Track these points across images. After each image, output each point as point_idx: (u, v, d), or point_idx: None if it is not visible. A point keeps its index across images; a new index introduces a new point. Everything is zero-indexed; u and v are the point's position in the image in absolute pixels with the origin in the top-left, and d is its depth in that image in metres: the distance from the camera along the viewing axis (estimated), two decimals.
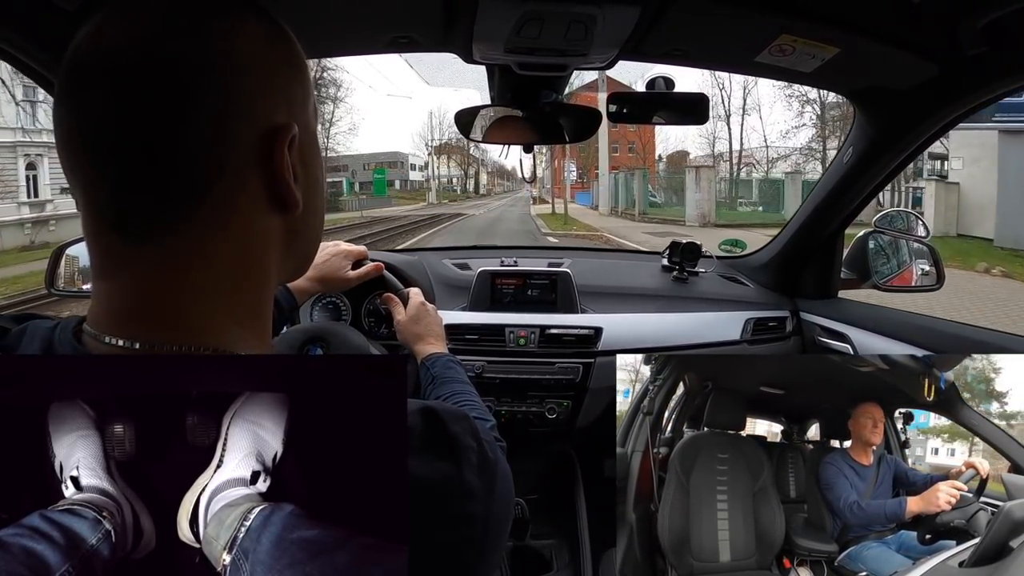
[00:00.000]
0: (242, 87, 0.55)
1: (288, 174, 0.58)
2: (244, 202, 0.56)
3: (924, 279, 1.96)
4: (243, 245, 0.57)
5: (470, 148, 72.79)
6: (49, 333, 0.59)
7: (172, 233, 0.54)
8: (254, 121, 0.56)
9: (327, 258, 1.58)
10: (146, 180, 0.52)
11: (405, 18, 1.37)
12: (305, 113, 0.62)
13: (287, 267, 0.65)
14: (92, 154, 0.53)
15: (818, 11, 1.25)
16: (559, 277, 2.13)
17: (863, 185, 1.85)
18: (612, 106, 1.65)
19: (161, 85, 0.52)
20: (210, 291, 0.56)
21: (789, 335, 2.16)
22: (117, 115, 0.51)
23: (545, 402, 2.01)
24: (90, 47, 0.53)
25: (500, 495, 0.63)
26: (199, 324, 0.55)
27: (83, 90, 0.53)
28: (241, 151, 0.55)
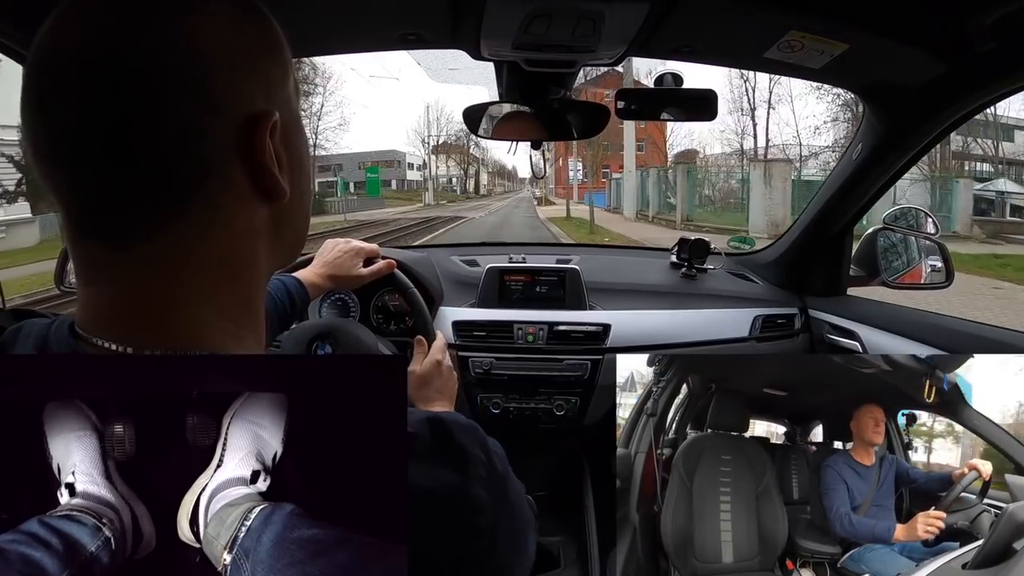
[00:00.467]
0: (215, 78, 0.52)
1: (272, 163, 0.55)
2: (228, 198, 0.54)
3: (934, 276, 1.94)
4: (230, 241, 0.55)
5: (470, 147, 71.47)
6: (45, 330, 0.58)
7: (155, 236, 0.52)
8: (231, 112, 0.53)
9: (338, 255, 1.59)
10: (120, 185, 0.50)
11: (413, 15, 1.37)
12: (284, 93, 0.60)
13: (277, 256, 0.63)
14: (61, 160, 0.51)
15: (827, 7, 1.25)
16: (568, 274, 2.12)
17: (872, 182, 1.84)
18: (620, 102, 1.65)
19: (125, 85, 0.49)
20: (199, 291, 0.54)
21: (798, 332, 2.16)
22: (81, 119, 0.49)
23: (553, 399, 2.02)
24: (48, 47, 0.51)
25: (509, 510, 0.61)
26: (190, 326, 0.54)
27: (44, 94, 0.51)
28: (220, 145, 0.53)
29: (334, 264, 1.57)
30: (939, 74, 1.39)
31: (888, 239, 2.03)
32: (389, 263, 1.65)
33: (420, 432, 0.56)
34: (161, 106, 0.50)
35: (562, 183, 44.56)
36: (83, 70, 0.49)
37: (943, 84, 1.42)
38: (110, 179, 0.50)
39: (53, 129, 0.50)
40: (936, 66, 1.36)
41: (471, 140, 67.70)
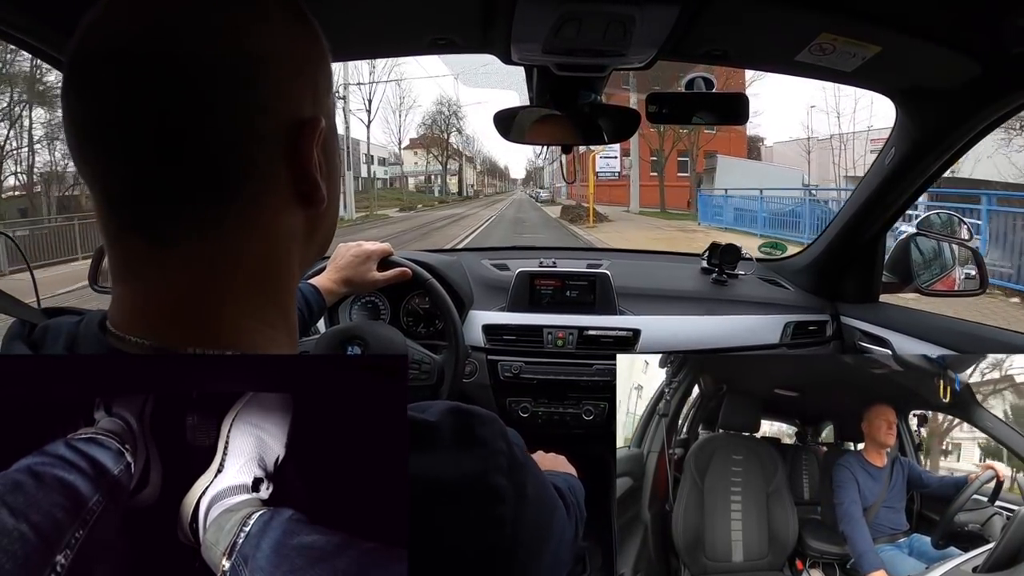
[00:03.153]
0: (268, 80, 0.52)
1: (316, 170, 0.56)
2: (271, 200, 0.54)
3: (968, 283, 1.91)
4: (269, 244, 0.55)
5: (450, 136, 63.69)
6: (74, 328, 0.58)
7: (197, 234, 0.51)
8: (281, 117, 0.53)
9: (351, 259, 1.62)
10: (167, 178, 0.50)
11: (444, 20, 1.39)
12: (328, 103, 0.60)
13: (305, 261, 0.62)
14: (108, 148, 0.50)
15: (859, 8, 1.24)
16: (598, 278, 2.13)
17: (905, 187, 1.81)
18: (651, 106, 1.65)
19: (178, 77, 0.49)
20: (239, 293, 0.54)
21: (829, 339, 2.12)
22: (133, 107, 0.49)
23: (582, 403, 2.01)
24: (98, 36, 0.50)
25: (533, 501, 0.60)
26: (227, 327, 0.53)
27: (91, 83, 0.50)
28: (268, 148, 0.53)
29: (348, 269, 1.60)
30: (973, 76, 1.37)
31: (921, 245, 2.00)
32: (403, 271, 1.66)
33: (441, 422, 0.56)
34: (213, 103, 0.50)
35: (586, 179, 30.24)
36: (138, 58, 0.48)
37: (977, 86, 1.40)
38: (157, 171, 0.50)
39: (102, 116, 0.50)
40: (970, 68, 1.34)
41: (451, 128, 62.67)
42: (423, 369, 1.69)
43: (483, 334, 2.05)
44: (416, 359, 1.69)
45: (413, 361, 1.69)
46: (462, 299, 1.98)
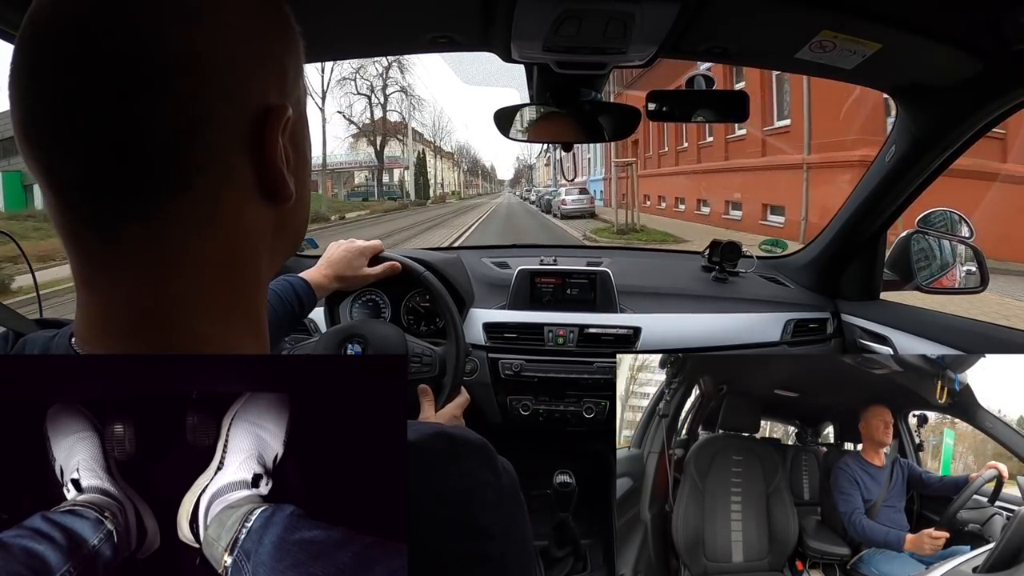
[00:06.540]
0: (230, 63, 0.48)
1: (281, 162, 0.52)
2: (232, 195, 0.51)
3: (968, 280, 1.91)
4: (231, 243, 0.52)
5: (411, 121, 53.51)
6: (47, 343, 0.57)
7: (148, 230, 0.48)
8: (243, 103, 0.50)
9: (343, 255, 1.62)
10: (117, 165, 0.46)
11: (443, 18, 1.39)
12: (298, 90, 0.56)
13: (275, 260, 0.59)
14: (54, 134, 0.47)
15: (859, 6, 1.23)
16: (598, 276, 2.13)
17: (906, 185, 1.81)
18: (651, 104, 1.65)
19: (129, 58, 0.45)
20: (198, 295, 0.50)
21: (830, 337, 2.13)
22: (80, 89, 0.45)
23: (583, 401, 2.02)
24: (48, 12, 0.47)
25: (517, 536, 0.56)
26: (187, 336, 0.50)
27: (41, 61, 0.46)
28: (228, 137, 0.49)
29: (340, 264, 1.60)
30: (974, 73, 1.37)
31: (921, 242, 2.00)
32: (393, 265, 1.66)
33: (426, 449, 0.52)
34: (167, 85, 0.46)
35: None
36: (84, 37, 0.45)
37: (978, 83, 1.40)
38: (107, 158, 0.46)
39: (48, 99, 0.46)
40: (971, 65, 1.34)
41: (388, 83, 51.73)
42: (424, 362, 1.69)
43: (484, 332, 2.05)
44: (416, 352, 1.70)
45: (413, 355, 1.69)
46: (462, 297, 1.99)
